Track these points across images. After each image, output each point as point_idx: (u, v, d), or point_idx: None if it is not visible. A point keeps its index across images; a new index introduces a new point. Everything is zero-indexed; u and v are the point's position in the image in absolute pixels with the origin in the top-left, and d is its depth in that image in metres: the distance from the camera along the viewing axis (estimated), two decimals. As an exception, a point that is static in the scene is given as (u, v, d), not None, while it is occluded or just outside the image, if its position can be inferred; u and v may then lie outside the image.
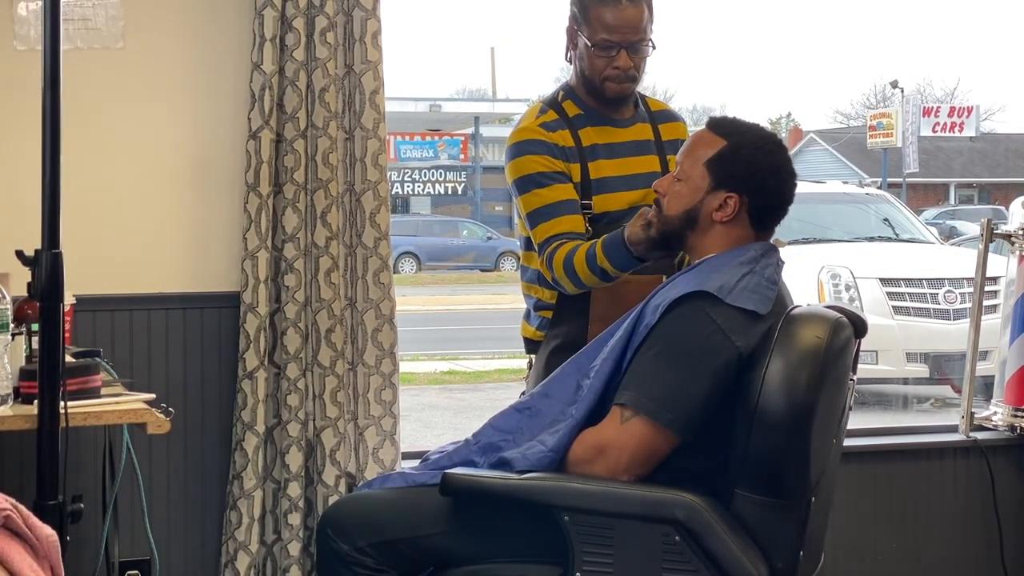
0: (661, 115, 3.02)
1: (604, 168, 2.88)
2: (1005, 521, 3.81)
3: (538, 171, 2.83)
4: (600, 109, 2.90)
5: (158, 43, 3.35)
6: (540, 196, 2.83)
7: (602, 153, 2.89)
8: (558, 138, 2.85)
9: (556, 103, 2.92)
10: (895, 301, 8.29)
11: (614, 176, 2.88)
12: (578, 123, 2.89)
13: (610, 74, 2.82)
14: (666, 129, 2.99)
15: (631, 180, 2.89)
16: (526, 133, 2.87)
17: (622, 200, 2.87)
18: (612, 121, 2.91)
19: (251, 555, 3.32)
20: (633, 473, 2.34)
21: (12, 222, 2.98)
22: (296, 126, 3.28)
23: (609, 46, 2.80)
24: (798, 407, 2.28)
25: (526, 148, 2.85)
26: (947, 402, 8.11)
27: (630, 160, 2.91)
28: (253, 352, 3.30)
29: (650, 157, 2.94)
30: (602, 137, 2.90)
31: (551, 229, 2.81)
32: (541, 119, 2.88)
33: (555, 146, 2.84)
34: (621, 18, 2.79)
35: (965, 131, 28.23)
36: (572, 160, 2.85)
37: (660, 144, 2.96)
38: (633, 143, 2.93)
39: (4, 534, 1.71)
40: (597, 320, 2.80)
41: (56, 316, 2.32)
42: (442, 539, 2.43)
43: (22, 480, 2.96)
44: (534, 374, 2.94)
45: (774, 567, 2.32)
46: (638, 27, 2.81)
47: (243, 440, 3.31)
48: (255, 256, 3.30)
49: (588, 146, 2.88)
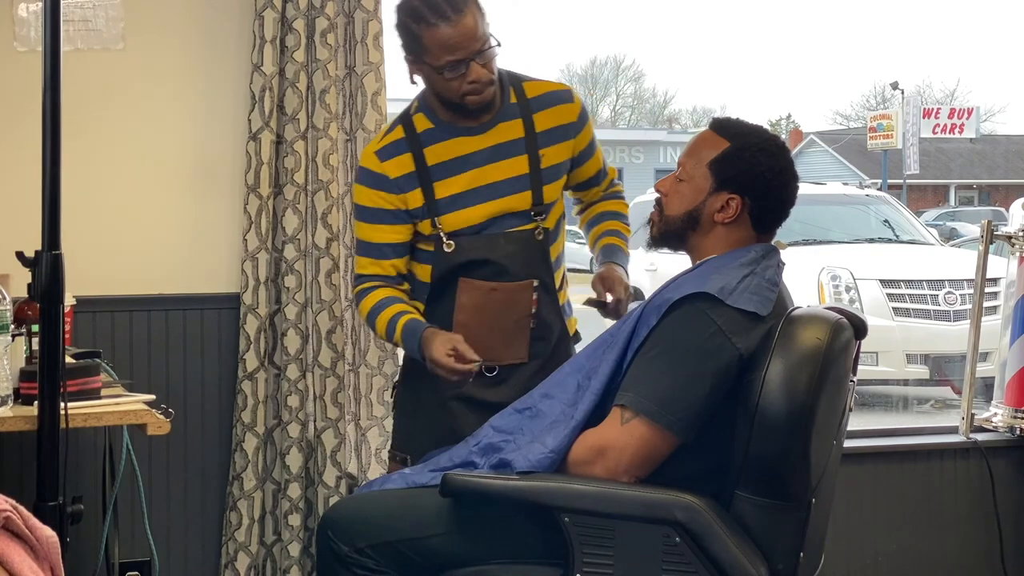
0: (540, 102, 2.81)
1: (454, 185, 2.75)
2: (1005, 522, 3.81)
3: (365, 205, 2.77)
4: (453, 120, 2.76)
5: (158, 44, 3.35)
6: (363, 230, 2.79)
7: (452, 169, 2.75)
8: (391, 167, 2.74)
9: (407, 118, 2.80)
10: (895, 302, 8.29)
11: (466, 191, 2.75)
12: (425, 140, 2.76)
13: (468, 89, 2.67)
14: (543, 118, 2.80)
15: (489, 190, 2.75)
16: (365, 158, 2.80)
17: (479, 213, 2.75)
18: (466, 131, 2.76)
19: (251, 556, 3.32)
20: (633, 474, 2.34)
21: (12, 223, 2.99)
22: (296, 127, 3.28)
23: (457, 65, 2.64)
24: (798, 408, 2.28)
25: (361, 176, 2.80)
26: (947, 403, 8.09)
27: (486, 170, 2.76)
28: (253, 353, 3.31)
29: (515, 159, 2.77)
30: (452, 151, 2.76)
31: (366, 267, 2.79)
32: (384, 142, 2.78)
33: (385, 179, 2.74)
34: (458, 33, 2.62)
35: (965, 132, 28.23)
36: (410, 187, 2.74)
37: (532, 139, 2.78)
38: (490, 150, 2.76)
39: (4, 535, 1.71)
40: (461, 327, 2.76)
41: (56, 317, 2.32)
42: (442, 540, 2.43)
43: (22, 481, 2.97)
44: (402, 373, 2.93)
45: (774, 568, 2.32)
46: (476, 34, 2.64)
47: (243, 441, 3.31)
48: (255, 257, 3.30)
49: (434, 165, 2.75)
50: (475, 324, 2.75)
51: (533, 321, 2.80)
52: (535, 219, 2.79)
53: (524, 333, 2.80)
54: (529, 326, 2.80)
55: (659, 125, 37.69)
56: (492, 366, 2.78)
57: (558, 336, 2.85)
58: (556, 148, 2.81)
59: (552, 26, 57.93)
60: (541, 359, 2.82)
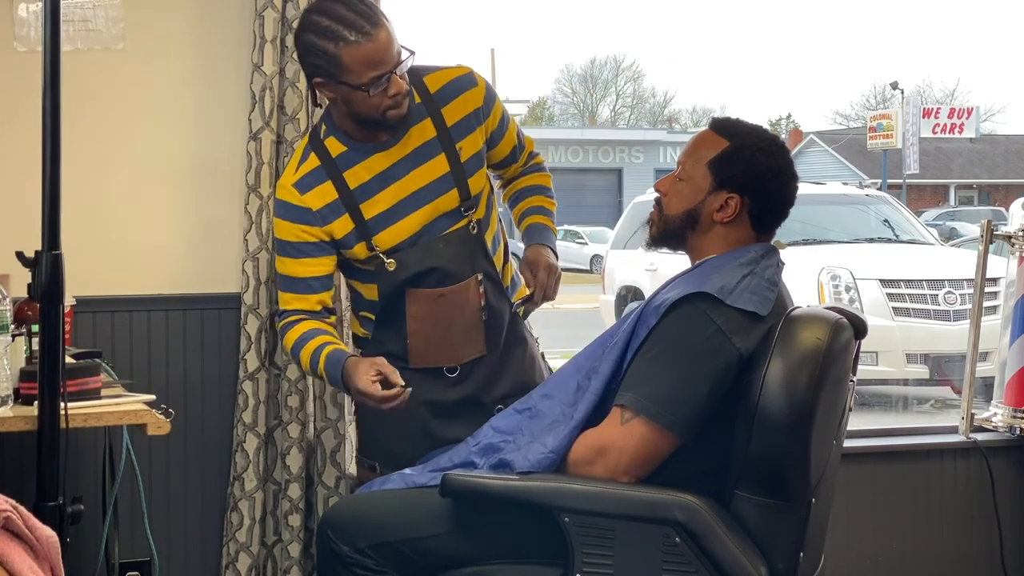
0: (444, 95, 2.75)
1: (380, 203, 2.70)
2: (1005, 522, 3.81)
3: (287, 239, 2.71)
4: (368, 138, 2.71)
5: (158, 44, 3.35)
6: (286, 265, 2.73)
7: (375, 187, 2.70)
8: (313, 198, 2.69)
9: (318, 143, 2.74)
10: (895, 302, 8.29)
11: (392, 206, 2.71)
12: (343, 164, 2.71)
13: (389, 103, 2.61)
14: (452, 111, 2.74)
15: (415, 198, 2.72)
16: (282, 191, 2.73)
17: (411, 223, 2.71)
18: (382, 146, 2.70)
19: (252, 556, 3.32)
20: (633, 474, 2.34)
21: (12, 223, 2.99)
22: (297, 127, 3.28)
23: (379, 81, 2.56)
24: (798, 408, 2.28)
25: (280, 211, 2.73)
26: (947, 403, 8.10)
27: (409, 178, 2.72)
28: (254, 353, 3.30)
29: (435, 161, 2.73)
30: (371, 170, 2.71)
31: (291, 302, 2.74)
32: (300, 173, 2.71)
33: (307, 211, 2.68)
34: (378, 48, 2.55)
35: (965, 132, 28.25)
36: (334, 216, 2.69)
37: (446, 136, 2.73)
38: (408, 158, 2.72)
39: (4, 535, 1.71)
40: (416, 335, 2.77)
41: (56, 317, 2.32)
42: (442, 540, 2.43)
43: (22, 481, 2.96)
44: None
45: (774, 568, 2.32)
46: (393, 47, 2.58)
47: (244, 441, 3.31)
48: (256, 257, 3.30)
49: (357, 188, 2.70)
50: (429, 332, 2.76)
51: (484, 313, 2.80)
52: (466, 214, 2.77)
53: (478, 328, 2.79)
54: (482, 319, 2.80)
55: (659, 125, 37.71)
56: (453, 367, 2.79)
57: (509, 319, 2.87)
58: (471, 138, 2.77)
59: (552, 26, 57.90)
60: (498, 347, 2.83)
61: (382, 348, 2.82)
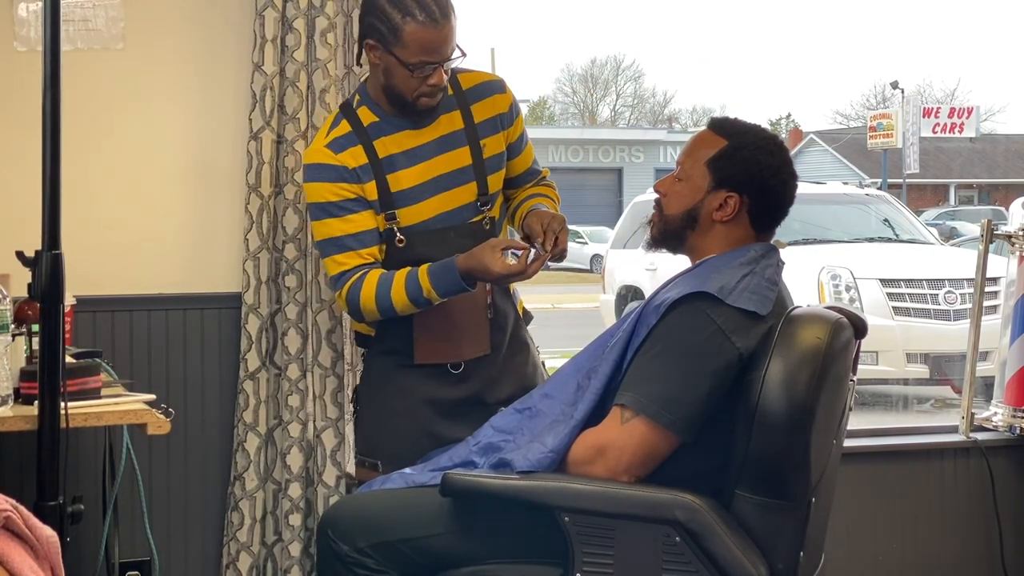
0: (475, 93, 2.84)
1: (404, 179, 2.76)
2: (1005, 521, 3.81)
3: (329, 200, 2.72)
4: (399, 114, 2.77)
5: (158, 44, 3.35)
6: (331, 227, 2.73)
7: (401, 163, 2.76)
8: (348, 158, 2.73)
9: (351, 111, 2.79)
10: (895, 302, 8.29)
11: (416, 185, 2.76)
12: (373, 132, 2.76)
13: (424, 91, 2.69)
14: (480, 109, 2.83)
15: (437, 183, 2.77)
16: (315, 155, 2.76)
17: (430, 207, 2.77)
18: (412, 124, 2.78)
19: (252, 556, 3.32)
20: (633, 474, 2.34)
21: (12, 222, 2.99)
22: (297, 127, 3.28)
23: (426, 67, 2.66)
24: (798, 407, 2.28)
25: (316, 174, 2.74)
26: (947, 403, 8.10)
27: (434, 162, 2.78)
28: (254, 353, 3.31)
29: (460, 151, 2.80)
30: (400, 144, 2.77)
31: (347, 262, 2.73)
32: (332, 135, 2.76)
33: (344, 169, 2.72)
34: (439, 38, 2.65)
35: (965, 132, 28.25)
36: (366, 179, 2.73)
37: (472, 131, 2.81)
38: (435, 142, 2.78)
39: (4, 535, 1.71)
40: (422, 329, 2.77)
41: (56, 317, 2.32)
42: (442, 540, 2.43)
43: (22, 481, 2.96)
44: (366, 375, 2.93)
45: (774, 568, 2.32)
46: (452, 42, 2.68)
47: (244, 441, 3.31)
48: (256, 257, 3.30)
49: (385, 158, 2.75)
50: (434, 323, 2.77)
51: (490, 312, 2.82)
52: (482, 210, 2.81)
53: (483, 326, 2.82)
54: (487, 317, 2.82)
55: (659, 124, 37.71)
56: (458, 364, 2.80)
57: (513, 321, 2.89)
58: (495, 138, 2.83)
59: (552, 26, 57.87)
60: (501, 348, 2.85)
61: (386, 345, 2.83)
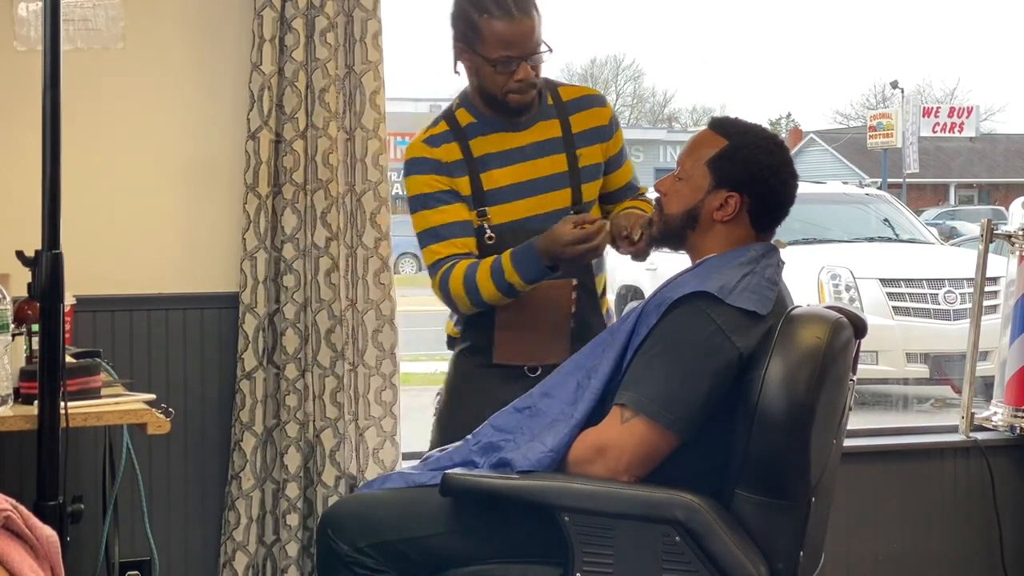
0: (575, 104, 2.90)
1: (498, 178, 2.81)
2: (1005, 521, 3.81)
3: (424, 192, 2.79)
4: (495, 116, 2.83)
5: (158, 44, 3.35)
6: (426, 218, 2.80)
7: (496, 162, 2.81)
8: (442, 153, 2.80)
9: (450, 113, 2.86)
10: (895, 301, 8.29)
11: (509, 185, 2.81)
12: (470, 132, 2.82)
13: (512, 87, 2.75)
14: (579, 120, 2.88)
15: (531, 186, 2.82)
16: (413, 150, 2.83)
17: (521, 208, 2.81)
18: (508, 126, 2.83)
19: (249, 555, 3.32)
20: (633, 473, 2.34)
21: (12, 222, 2.98)
22: (295, 126, 3.28)
23: (509, 61, 2.72)
24: (798, 407, 2.28)
25: (412, 167, 2.82)
26: (947, 402, 8.10)
27: (529, 165, 2.83)
28: (252, 352, 3.31)
29: (555, 157, 2.84)
30: (496, 145, 2.82)
31: (440, 251, 2.78)
32: (429, 132, 2.83)
33: (439, 162, 2.79)
34: (518, 32, 2.71)
35: (965, 131, 28.22)
36: (459, 174, 2.79)
37: (569, 139, 2.86)
38: (532, 146, 2.84)
39: (4, 535, 1.71)
40: (503, 327, 2.79)
41: (56, 317, 2.32)
42: (442, 539, 2.43)
43: (22, 481, 2.96)
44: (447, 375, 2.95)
45: (774, 567, 2.32)
46: (534, 37, 2.73)
47: (241, 440, 3.31)
48: (254, 256, 3.30)
49: (479, 156, 2.81)
50: (516, 322, 2.78)
51: (572, 321, 2.82)
52: None
53: (564, 333, 2.82)
54: (568, 326, 2.82)
55: (659, 124, 37.66)
56: (535, 367, 2.81)
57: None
58: (592, 149, 2.87)
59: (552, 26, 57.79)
60: None
61: (469, 344, 2.86)
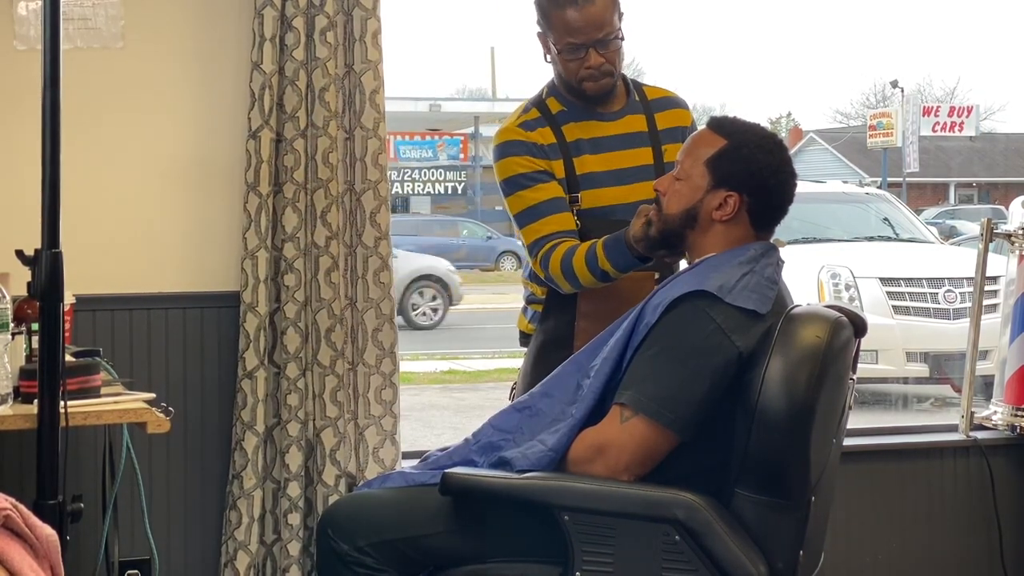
0: (659, 103, 2.95)
1: (589, 163, 2.85)
2: (1005, 521, 3.81)
3: (520, 172, 2.81)
4: (584, 105, 2.86)
5: (158, 43, 3.35)
6: (524, 198, 2.81)
7: (587, 148, 2.85)
8: (537, 136, 2.83)
9: (540, 101, 2.89)
10: (895, 301, 8.30)
11: (600, 171, 2.85)
12: (561, 119, 2.85)
13: (584, 74, 2.78)
14: (663, 118, 2.93)
15: (619, 175, 2.85)
16: (506, 134, 2.86)
17: (610, 195, 2.84)
18: (598, 115, 2.87)
19: (251, 555, 3.32)
20: (633, 473, 2.34)
21: (12, 222, 2.98)
22: (296, 125, 3.28)
23: (576, 48, 2.76)
24: (798, 406, 2.28)
25: (506, 150, 2.84)
26: (947, 401, 8.12)
27: (617, 154, 2.86)
28: (253, 352, 3.30)
29: (641, 150, 2.88)
30: (587, 132, 2.86)
31: (541, 229, 2.79)
32: (522, 118, 2.86)
33: (534, 144, 2.82)
34: (582, 18, 2.74)
35: (965, 131, 28.22)
36: (554, 156, 2.82)
37: (655, 134, 2.90)
38: (621, 136, 2.88)
39: (4, 534, 1.71)
40: (584, 316, 2.79)
41: (56, 315, 2.32)
42: (442, 539, 2.43)
43: (22, 480, 2.96)
44: (523, 367, 2.94)
45: (774, 567, 2.32)
46: (601, 24, 2.75)
47: (243, 440, 3.31)
48: (255, 256, 3.30)
49: (572, 141, 2.84)
50: (598, 312, 2.76)
51: None
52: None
53: None
54: None
55: (659, 123, 37.54)
56: None
57: None
58: (674, 146, 2.85)
59: (552, 24, 57.74)
60: None
61: (549, 331, 2.86)
